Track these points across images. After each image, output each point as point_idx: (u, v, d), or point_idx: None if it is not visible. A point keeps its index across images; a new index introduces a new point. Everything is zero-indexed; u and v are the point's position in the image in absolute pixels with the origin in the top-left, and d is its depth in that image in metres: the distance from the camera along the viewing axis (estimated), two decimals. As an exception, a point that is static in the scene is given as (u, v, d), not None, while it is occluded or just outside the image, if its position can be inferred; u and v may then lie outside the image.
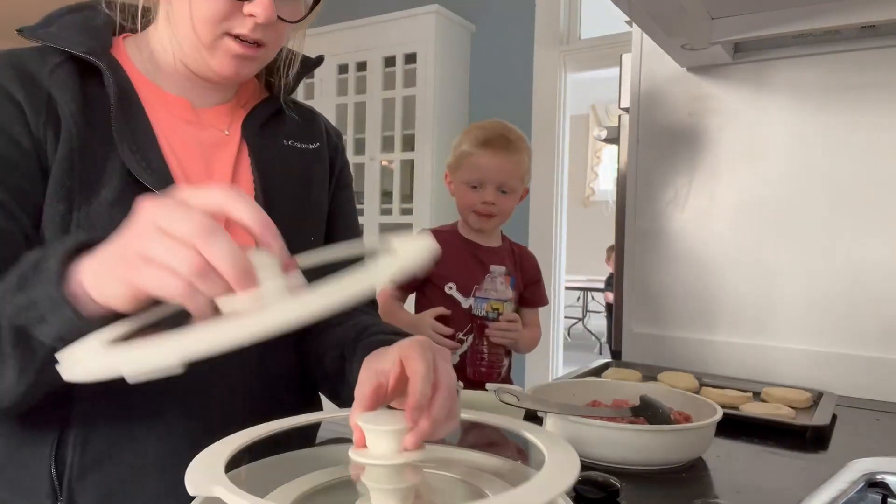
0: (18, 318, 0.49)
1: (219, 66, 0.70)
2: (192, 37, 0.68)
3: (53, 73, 0.65)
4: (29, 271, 0.50)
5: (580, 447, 0.72)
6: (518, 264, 1.42)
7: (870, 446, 0.88)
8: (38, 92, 0.64)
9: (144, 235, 0.43)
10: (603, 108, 6.44)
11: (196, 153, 0.72)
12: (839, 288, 1.17)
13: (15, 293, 0.50)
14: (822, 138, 1.20)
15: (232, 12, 0.66)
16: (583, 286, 5.62)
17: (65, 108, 0.64)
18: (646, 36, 1.30)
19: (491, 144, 1.30)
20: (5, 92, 0.62)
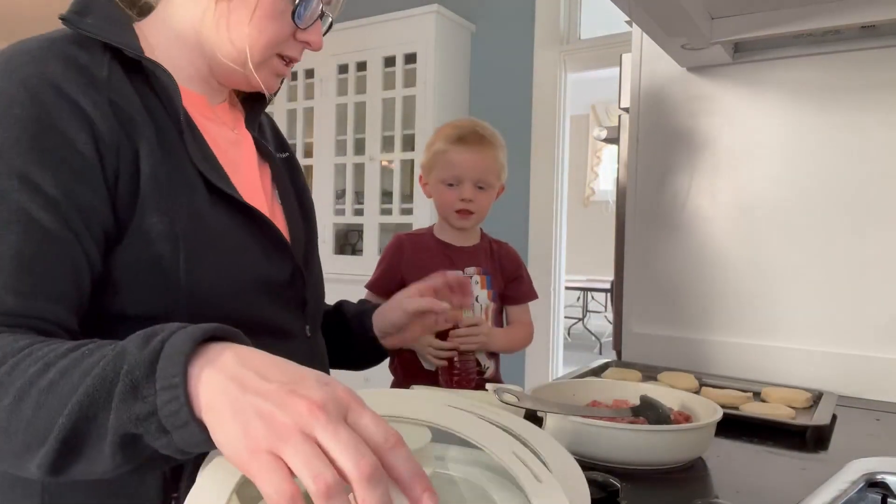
0: (133, 426, 0.43)
1: (263, 80, 0.73)
2: (245, 52, 0.70)
3: (112, 78, 0.63)
4: (141, 374, 0.43)
5: (580, 447, 0.73)
6: (497, 261, 1.41)
7: (870, 446, 0.88)
8: (101, 97, 0.61)
9: (289, 429, 0.37)
10: (603, 108, 6.44)
11: (225, 152, 0.72)
12: (839, 288, 1.17)
13: (128, 401, 0.43)
14: (822, 138, 1.20)
15: (289, 35, 0.71)
16: (583, 286, 5.62)
17: (135, 119, 0.62)
18: (646, 36, 1.30)
19: (465, 141, 1.30)
20: (68, 98, 0.59)
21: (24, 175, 0.56)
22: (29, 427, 0.46)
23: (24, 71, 0.58)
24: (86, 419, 0.44)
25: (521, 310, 1.43)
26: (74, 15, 0.64)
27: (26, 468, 0.48)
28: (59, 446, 0.45)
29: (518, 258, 1.44)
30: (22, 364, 0.48)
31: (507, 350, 1.37)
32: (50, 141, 0.57)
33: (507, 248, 1.44)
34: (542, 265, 2.90)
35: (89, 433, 0.45)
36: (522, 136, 2.96)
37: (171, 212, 0.62)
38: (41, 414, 0.45)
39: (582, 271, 5.75)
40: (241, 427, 0.39)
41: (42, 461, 0.46)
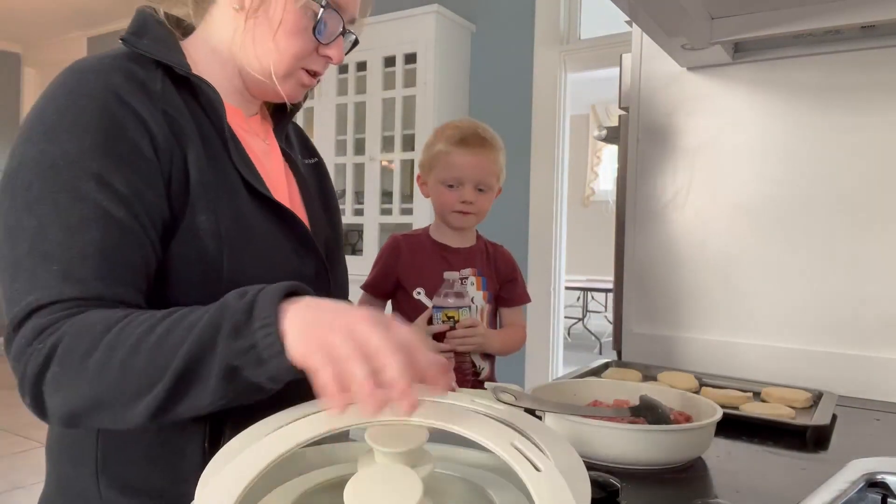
0: (236, 359, 0.54)
1: (287, 92, 0.79)
2: (270, 66, 0.76)
3: (164, 91, 0.70)
4: (242, 318, 0.54)
5: (580, 447, 0.72)
6: (492, 263, 1.40)
7: (870, 446, 0.88)
8: (156, 108, 0.68)
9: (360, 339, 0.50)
10: (603, 108, 6.44)
11: (259, 160, 0.79)
12: (839, 287, 1.17)
13: (232, 339, 0.54)
14: (822, 138, 1.20)
15: (312, 50, 0.77)
16: (583, 286, 5.62)
17: (185, 128, 0.70)
18: (646, 36, 1.30)
19: (467, 143, 1.29)
20: (131, 108, 0.66)
21: (100, 177, 0.63)
22: (142, 375, 0.56)
23: (91, 85, 0.66)
24: (196, 360, 0.55)
25: (515, 312, 1.43)
26: (132, 36, 0.73)
27: (130, 416, 0.57)
28: (171, 386, 0.55)
29: (513, 261, 1.44)
30: (127, 328, 0.57)
31: (502, 352, 1.37)
32: (119, 147, 0.64)
33: (503, 251, 1.44)
34: (542, 265, 2.90)
35: (199, 371, 0.55)
36: (522, 136, 2.96)
37: (217, 212, 0.69)
38: (154, 362, 0.55)
39: (582, 271, 5.75)
40: (318, 339, 0.51)
41: (151, 403, 0.55)
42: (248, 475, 0.42)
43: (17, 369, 0.60)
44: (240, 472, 0.42)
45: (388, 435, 0.48)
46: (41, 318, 0.59)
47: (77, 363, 0.57)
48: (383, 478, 0.44)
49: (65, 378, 0.58)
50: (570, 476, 0.42)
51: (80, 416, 0.59)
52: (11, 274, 0.61)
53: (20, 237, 0.62)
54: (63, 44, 5.39)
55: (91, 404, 0.58)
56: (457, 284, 1.26)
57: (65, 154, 0.63)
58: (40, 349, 0.58)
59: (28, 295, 0.60)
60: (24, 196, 0.62)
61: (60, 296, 0.60)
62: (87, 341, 0.57)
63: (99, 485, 0.69)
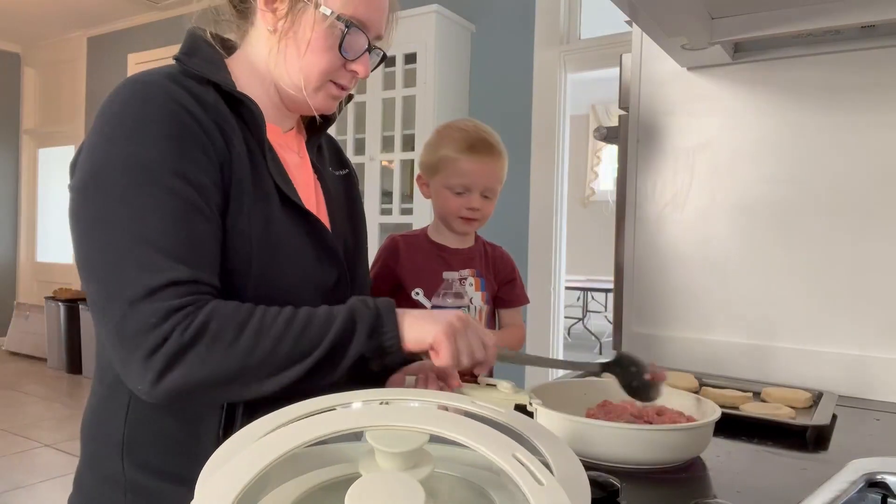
0: (368, 352, 0.72)
1: (319, 104, 0.85)
2: (301, 81, 0.82)
3: (216, 104, 0.77)
4: (374, 322, 0.73)
5: (578, 447, 0.72)
6: (491, 264, 1.40)
7: (870, 446, 0.88)
8: (210, 119, 0.75)
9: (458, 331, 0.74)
10: (603, 108, 6.44)
11: (290, 173, 0.85)
12: (839, 287, 1.18)
13: (368, 337, 0.72)
14: (822, 138, 1.20)
15: (339, 66, 0.83)
16: (583, 286, 5.62)
17: (232, 138, 0.77)
18: (646, 36, 1.30)
19: (476, 150, 1.28)
20: (195, 117, 0.73)
21: (185, 175, 0.71)
22: (287, 357, 0.69)
23: (161, 96, 0.72)
24: (336, 349, 0.71)
25: (514, 313, 1.43)
26: (185, 56, 0.80)
27: (260, 390, 0.69)
28: (313, 366, 0.70)
29: (511, 262, 1.44)
30: (265, 319, 0.70)
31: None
32: (192, 151, 0.72)
33: (501, 252, 1.44)
34: (542, 265, 2.90)
35: (336, 358, 0.71)
36: (522, 136, 2.96)
37: (251, 216, 0.76)
38: (298, 347, 0.70)
39: (582, 271, 5.75)
40: (426, 337, 0.74)
41: (287, 378, 0.69)
42: (246, 476, 0.42)
43: (145, 343, 0.65)
44: (238, 473, 0.42)
45: (389, 435, 0.48)
46: (166, 298, 0.66)
47: (226, 347, 0.67)
48: (384, 486, 0.44)
49: (211, 357, 0.67)
50: (572, 488, 0.42)
51: (198, 391, 0.68)
52: (113, 257, 0.67)
53: (118, 226, 0.68)
54: (63, 44, 5.39)
55: (225, 380, 0.67)
56: (455, 285, 1.26)
57: (151, 155, 0.69)
58: (185, 328, 0.66)
59: (142, 276, 0.66)
60: (117, 191, 0.68)
61: (178, 278, 0.67)
62: (233, 327, 0.68)
63: (123, 464, 0.76)
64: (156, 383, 0.66)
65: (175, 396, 0.67)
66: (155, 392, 0.67)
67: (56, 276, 5.53)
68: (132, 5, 4.65)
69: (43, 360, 5.14)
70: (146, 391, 0.67)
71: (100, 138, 0.71)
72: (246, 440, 0.49)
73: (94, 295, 0.69)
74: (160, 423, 0.76)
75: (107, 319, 0.68)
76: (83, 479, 0.81)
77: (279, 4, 0.81)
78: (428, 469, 0.48)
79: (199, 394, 0.69)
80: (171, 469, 0.76)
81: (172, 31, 4.64)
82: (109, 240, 0.68)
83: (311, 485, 0.52)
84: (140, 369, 0.66)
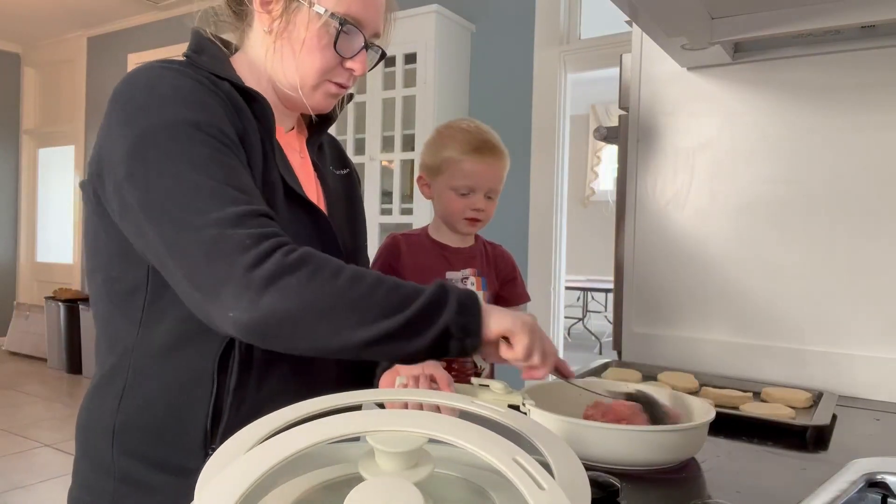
0: (453, 326, 0.70)
1: (316, 103, 0.86)
2: (297, 80, 0.83)
3: (231, 95, 0.79)
4: (465, 302, 0.71)
5: (575, 447, 0.72)
6: (492, 263, 1.40)
7: (870, 446, 0.88)
8: (227, 105, 0.77)
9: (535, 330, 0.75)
10: (603, 108, 6.44)
11: (296, 172, 0.86)
12: (839, 287, 1.18)
13: (457, 312, 0.70)
14: (822, 138, 1.20)
15: (336, 65, 0.83)
16: (583, 286, 5.62)
17: (248, 129, 0.78)
18: (646, 36, 1.30)
19: (481, 151, 1.28)
20: (215, 94, 0.76)
21: (225, 133, 0.73)
22: (383, 307, 0.68)
23: (183, 77, 0.74)
24: (427, 313, 0.69)
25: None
26: (193, 53, 0.82)
27: (346, 337, 0.67)
28: (403, 323, 0.68)
29: (512, 260, 1.44)
30: (359, 269, 0.70)
31: None
32: (222, 117, 0.74)
33: (501, 250, 1.44)
34: (542, 265, 2.90)
35: (424, 323, 0.69)
36: (522, 136, 2.96)
37: None
38: (391, 301, 0.68)
39: (582, 271, 5.75)
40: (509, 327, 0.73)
41: (377, 331, 0.67)
42: (245, 482, 0.42)
43: (243, 260, 0.65)
44: (237, 478, 0.42)
45: (389, 435, 0.48)
46: (255, 225, 0.67)
47: (326, 279, 0.66)
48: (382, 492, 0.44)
49: (311, 285, 0.66)
50: (572, 490, 0.42)
51: (288, 322, 0.66)
52: (184, 200, 0.67)
53: (183, 173, 0.68)
54: (63, 44, 5.39)
55: (319, 315, 0.66)
56: (458, 284, 1.26)
57: (192, 117, 0.71)
58: (287, 252, 0.66)
59: (224, 206, 0.67)
60: (177, 145, 0.69)
61: (259, 210, 0.69)
62: (332, 267, 0.68)
63: (113, 451, 0.77)
64: (255, 302, 0.64)
65: (268, 323, 0.65)
66: (250, 314, 0.64)
67: (56, 276, 5.53)
68: (132, 5, 4.65)
69: (43, 360, 5.14)
70: (239, 315, 0.65)
71: (133, 110, 0.71)
72: (243, 444, 0.48)
73: (170, 236, 0.67)
74: (151, 412, 0.77)
75: (190, 253, 0.66)
76: (79, 469, 0.83)
77: (274, 5, 0.82)
78: (428, 469, 0.48)
79: (290, 328, 0.66)
80: (159, 457, 0.77)
81: (172, 31, 4.64)
82: (177, 186, 0.68)
83: (311, 485, 0.52)
84: (237, 288, 0.64)
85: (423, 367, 0.87)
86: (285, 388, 0.80)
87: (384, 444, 0.47)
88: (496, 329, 0.72)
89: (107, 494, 0.78)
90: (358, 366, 0.97)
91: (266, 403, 0.57)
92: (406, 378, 0.85)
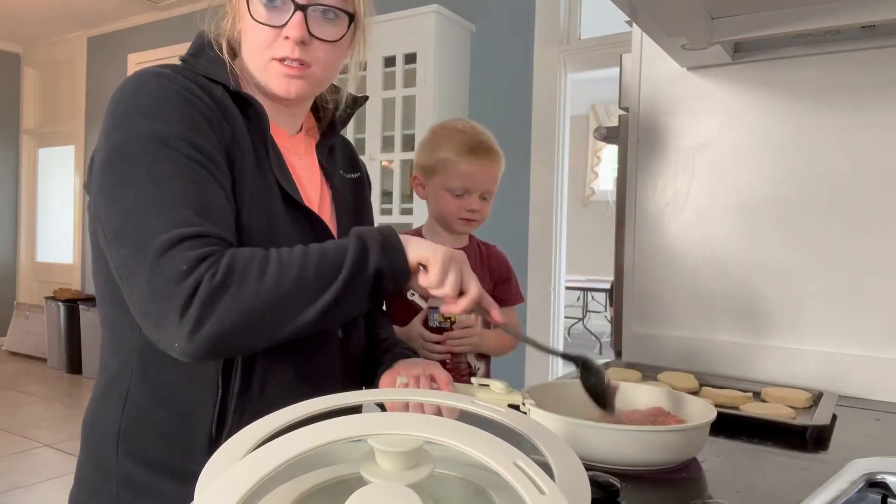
0: (383, 267, 0.74)
1: (275, 87, 0.82)
2: (252, 64, 0.82)
3: (224, 100, 0.79)
4: (386, 242, 0.75)
5: (574, 447, 0.72)
6: (485, 263, 1.40)
7: (870, 446, 0.88)
8: (218, 112, 0.77)
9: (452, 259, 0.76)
10: (603, 108, 6.44)
11: (296, 174, 0.86)
12: (839, 287, 1.18)
13: (381, 256, 0.74)
14: (823, 138, 1.20)
15: (274, 38, 0.79)
16: (583, 286, 5.62)
17: (238, 135, 0.78)
18: (646, 36, 1.30)
19: (476, 152, 1.28)
20: (203, 102, 0.76)
21: (201, 147, 0.73)
22: (315, 283, 0.70)
23: (172, 85, 0.75)
24: (358, 268, 0.72)
25: (509, 312, 1.42)
26: (191, 57, 0.82)
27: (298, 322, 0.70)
28: (342, 288, 0.71)
29: (506, 260, 1.44)
30: (284, 256, 0.71)
31: (497, 352, 1.37)
32: (205, 129, 0.74)
33: (495, 251, 1.44)
34: (542, 265, 2.90)
35: (358, 278, 0.72)
36: (522, 136, 2.96)
37: (252, 210, 0.77)
38: (323, 274, 0.71)
39: (582, 271, 5.75)
40: (425, 254, 0.76)
41: (321, 306, 0.70)
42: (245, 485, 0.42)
43: (179, 292, 0.66)
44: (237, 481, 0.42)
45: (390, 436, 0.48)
46: (196, 247, 0.67)
47: (255, 282, 0.68)
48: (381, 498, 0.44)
49: (242, 297, 0.67)
50: (573, 492, 0.42)
51: (236, 335, 0.68)
52: (140, 217, 0.68)
53: (142, 191, 0.69)
54: (63, 44, 5.39)
55: (261, 316, 0.68)
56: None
57: (169, 130, 0.71)
58: (213, 274, 0.67)
59: (171, 228, 0.67)
60: (139, 160, 0.70)
61: (208, 231, 0.69)
62: (257, 266, 0.69)
63: (118, 454, 0.78)
64: (194, 333, 0.66)
65: (215, 345, 0.67)
66: (195, 343, 0.66)
67: (56, 276, 5.53)
68: (132, 5, 4.64)
69: (43, 360, 5.14)
70: (184, 346, 0.67)
71: (117, 120, 0.73)
72: (242, 446, 0.48)
73: (125, 258, 0.69)
74: (155, 416, 0.77)
75: (137, 278, 0.68)
76: (82, 471, 0.83)
77: (231, 2, 0.83)
78: (428, 469, 0.48)
79: (238, 338, 0.69)
80: (162, 462, 0.77)
81: (172, 31, 4.64)
82: (135, 203, 0.69)
83: (311, 485, 0.52)
84: (176, 321, 0.66)
85: (424, 366, 0.87)
86: (289, 392, 0.80)
87: (384, 444, 0.47)
88: (413, 257, 0.76)
89: (109, 497, 0.78)
90: (363, 367, 0.96)
91: (270, 408, 0.57)
92: (406, 378, 0.85)
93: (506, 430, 0.52)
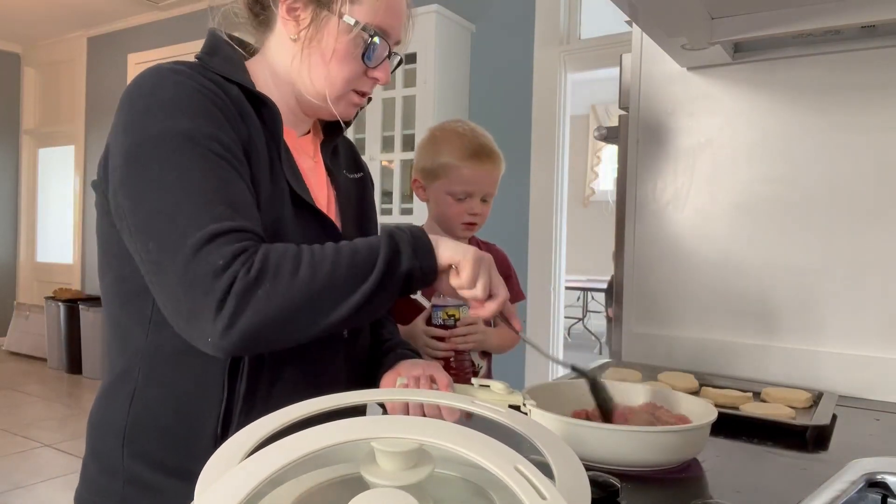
0: (416, 268, 0.74)
1: (341, 112, 0.87)
2: (325, 89, 0.83)
3: (240, 99, 0.79)
4: (417, 243, 0.76)
5: (574, 448, 0.72)
6: None
7: (870, 446, 0.88)
8: (234, 110, 0.77)
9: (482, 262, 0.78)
10: (603, 108, 6.44)
11: (304, 175, 0.87)
12: (839, 287, 1.18)
13: (413, 257, 0.74)
14: (822, 138, 1.20)
15: (362, 74, 0.84)
16: (583, 286, 5.63)
17: (254, 134, 0.78)
18: (646, 36, 1.30)
19: (478, 157, 1.28)
20: (220, 99, 0.76)
21: (222, 142, 0.73)
22: (347, 281, 0.71)
23: (189, 82, 0.75)
24: (392, 264, 0.73)
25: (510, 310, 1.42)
26: (206, 55, 0.83)
27: (330, 318, 0.70)
28: (378, 282, 0.71)
29: (506, 259, 1.44)
30: (316, 253, 0.71)
31: (500, 350, 1.37)
32: (223, 124, 0.74)
33: (496, 250, 1.44)
34: (542, 265, 2.90)
35: (390, 277, 0.73)
36: (522, 136, 2.96)
37: (263, 212, 0.76)
38: (355, 270, 0.71)
39: (582, 271, 5.76)
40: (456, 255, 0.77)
41: (354, 303, 0.71)
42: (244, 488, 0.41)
43: (217, 287, 0.66)
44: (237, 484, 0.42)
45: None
46: (231, 241, 0.67)
47: (288, 278, 0.68)
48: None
49: (276, 292, 0.67)
50: (573, 495, 0.42)
51: (268, 330, 0.68)
52: (169, 215, 0.68)
53: (170, 187, 0.69)
54: (63, 44, 5.39)
55: (294, 313, 0.68)
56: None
57: (190, 126, 0.71)
58: (248, 269, 0.67)
59: (205, 224, 0.67)
60: (163, 157, 0.70)
61: (242, 226, 0.69)
62: (290, 262, 0.69)
63: (123, 454, 0.78)
64: (229, 329, 0.66)
65: (247, 340, 0.67)
66: (228, 339, 0.66)
67: (56, 276, 5.53)
68: (132, 5, 4.64)
69: (43, 360, 5.14)
70: (217, 341, 0.67)
71: (136, 115, 0.72)
72: (242, 446, 0.48)
73: (154, 253, 0.69)
74: (161, 415, 0.77)
75: (168, 273, 0.68)
76: (87, 469, 0.83)
77: (302, 13, 0.81)
78: (428, 469, 0.48)
79: (270, 334, 0.69)
80: (167, 461, 0.77)
81: (172, 31, 4.64)
82: (164, 199, 0.69)
83: (311, 485, 0.52)
84: (212, 316, 0.66)
85: (424, 367, 0.87)
86: (294, 393, 0.80)
87: (385, 443, 0.47)
88: (445, 258, 0.76)
89: (114, 496, 0.78)
90: (368, 369, 0.97)
91: (275, 409, 0.57)
92: (406, 378, 0.85)
93: (506, 431, 0.52)
